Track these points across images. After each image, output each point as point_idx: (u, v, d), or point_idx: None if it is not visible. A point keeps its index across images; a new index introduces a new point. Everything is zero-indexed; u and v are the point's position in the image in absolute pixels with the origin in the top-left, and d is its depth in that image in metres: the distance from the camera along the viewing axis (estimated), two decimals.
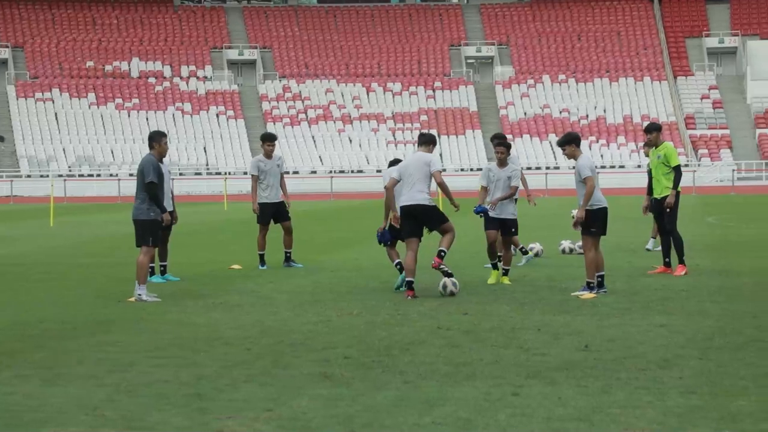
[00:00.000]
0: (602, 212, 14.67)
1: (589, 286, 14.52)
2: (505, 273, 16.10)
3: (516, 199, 16.49)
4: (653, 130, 17.12)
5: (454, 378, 9.00)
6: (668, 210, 16.76)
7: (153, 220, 14.56)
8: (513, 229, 16.07)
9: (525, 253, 19.02)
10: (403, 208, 14.78)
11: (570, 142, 14.81)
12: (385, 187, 15.25)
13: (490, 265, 16.49)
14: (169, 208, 16.35)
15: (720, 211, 38.97)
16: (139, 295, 14.27)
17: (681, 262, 16.82)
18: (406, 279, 14.47)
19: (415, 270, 14.53)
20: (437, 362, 9.69)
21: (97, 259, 21.07)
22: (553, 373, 9.15)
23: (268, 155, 18.83)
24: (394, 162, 16.02)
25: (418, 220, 14.74)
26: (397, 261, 15.63)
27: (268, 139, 19.06)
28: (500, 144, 16.22)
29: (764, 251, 21.11)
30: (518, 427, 7.38)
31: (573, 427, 7.35)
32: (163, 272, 17.08)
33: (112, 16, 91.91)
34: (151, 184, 14.44)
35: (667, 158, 16.82)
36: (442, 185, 14.86)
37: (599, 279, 14.60)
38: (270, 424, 7.54)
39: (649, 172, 17.22)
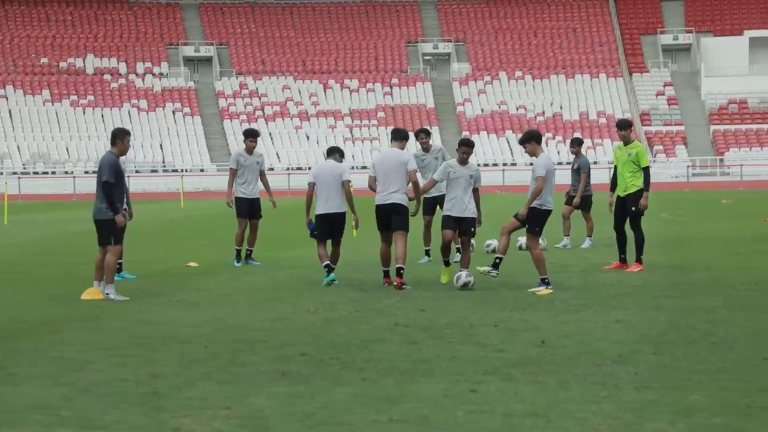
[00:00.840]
0: (547, 214, 14.86)
1: (544, 282, 14.62)
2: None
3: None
4: (625, 126, 17.17)
5: (412, 375, 9.02)
6: (633, 209, 16.86)
7: (113, 219, 14.41)
8: (472, 229, 15.67)
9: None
10: (380, 206, 15.06)
11: (530, 139, 14.96)
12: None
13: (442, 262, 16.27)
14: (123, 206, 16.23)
15: (675, 207, 39.28)
16: (107, 294, 14.18)
17: (638, 260, 16.93)
18: (383, 269, 14.76)
19: (389, 260, 14.92)
20: (395, 359, 9.71)
21: (53, 258, 20.91)
22: (510, 369, 9.20)
23: (250, 151, 18.74)
24: (333, 150, 16.00)
25: (388, 217, 15.08)
26: (325, 263, 15.57)
27: (251, 135, 18.92)
28: (465, 144, 15.90)
29: (718, 247, 21.31)
30: (476, 424, 7.42)
31: (530, 423, 7.39)
32: (119, 270, 16.97)
33: (66, 13, 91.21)
34: (107, 183, 14.19)
35: (638, 158, 16.93)
36: (416, 185, 15.15)
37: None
38: (228, 422, 7.53)
39: (615, 168, 17.29)
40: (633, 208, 16.86)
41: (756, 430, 7.21)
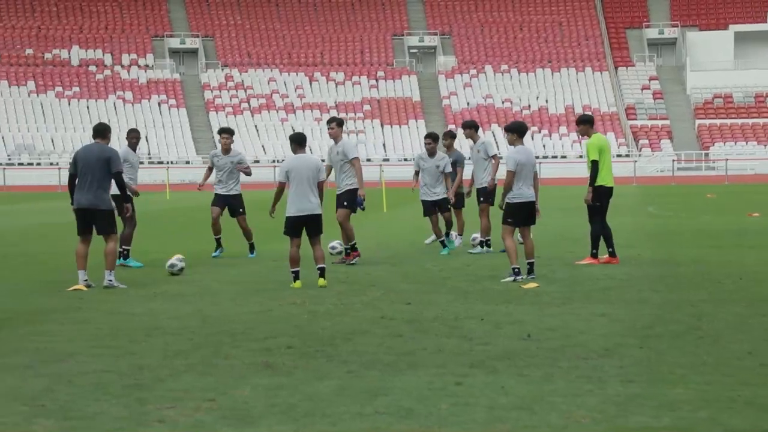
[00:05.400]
0: (519, 207, 15.00)
1: (514, 272, 14.70)
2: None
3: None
4: (580, 122, 17.07)
5: (397, 367, 8.99)
6: (585, 204, 16.90)
7: (114, 209, 14.74)
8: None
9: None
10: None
11: (512, 130, 15.17)
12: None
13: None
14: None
15: (660, 201, 39.34)
16: (110, 281, 14.33)
17: (592, 254, 16.91)
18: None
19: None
20: (380, 352, 9.68)
21: (36, 248, 20.83)
22: (495, 362, 9.18)
23: (225, 149, 18.65)
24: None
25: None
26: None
27: (224, 131, 18.92)
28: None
29: (703, 241, 21.33)
30: (461, 417, 7.39)
31: (515, 416, 7.37)
32: (126, 256, 17.29)
33: (51, 3, 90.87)
34: (120, 173, 14.67)
35: (587, 151, 16.94)
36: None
37: (528, 266, 14.94)
38: (211, 413, 7.49)
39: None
40: (597, 203, 16.86)
41: (740, 424, 7.20)
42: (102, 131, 14.85)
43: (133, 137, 17.72)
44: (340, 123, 17.38)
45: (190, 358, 9.44)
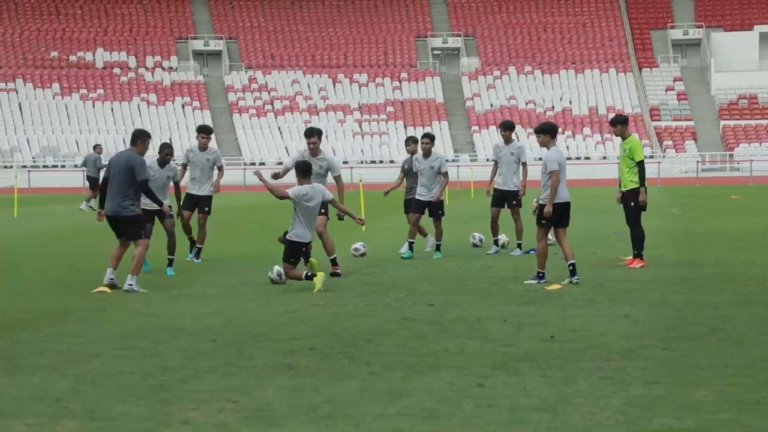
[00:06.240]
0: (559, 207, 14.79)
1: (538, 276, 14.63)
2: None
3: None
4: (617, 123, 17.04)
5: (419, 369, 9.01)
6: (633, 204, 16.78)
7: (140, 214, 14.69)
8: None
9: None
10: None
11: (544, 131, 14.93)
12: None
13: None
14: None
15: (684, 202, 39.20)
16: (130, 285, 14.31)
17: (638, 256, 16.85)
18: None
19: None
20: (402, 353, 9.70)
21: (60, 250, 20.93)
22: (517, 363, 9.18)
23: (202, 147, 18.43)
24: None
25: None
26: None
27: (203, 130, 18.63)
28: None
29: (727, 242, 21.25)
30: (483, 418, 7.40)
31: (537, 418, 7.37)
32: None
33: (76, 6, 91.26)
34: (145, 182, 14.60)
35: (632, 152, 16.81)
36: (342, 198, 15.77)
37: (571, 267, 14.72)
38: (234, 415, 7.52)
39: (620, 164, 17.24)
40: (632, 203, 16.77)
41: (763, 426, 7.18)
42: (133, 138, 14.91)
43: (166, 153, 17.08)
44: (320, 134, 17.04)
45: (213, 359, 9.48)
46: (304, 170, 14.89)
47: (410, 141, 19.74)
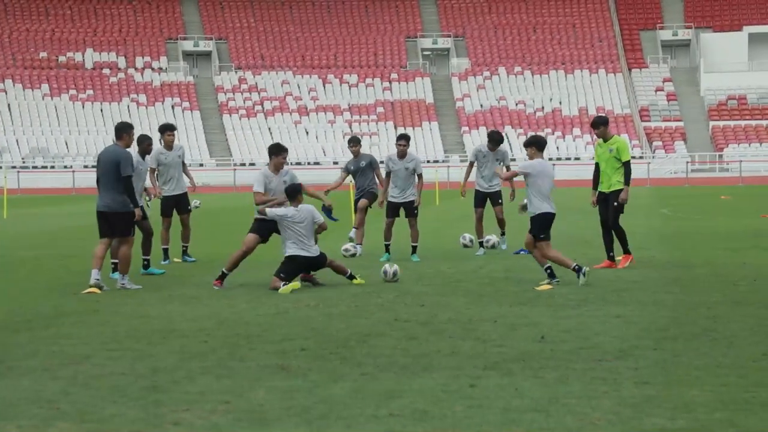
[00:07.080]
0: (548, 218, 14.81)
1: (576, 269, 14.52)
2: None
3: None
4: (600, 124, 17.00)
5: (412, 370, 9.01)
6: (615, 204, 16.78)
7: (133, 211, 14.62)
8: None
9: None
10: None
11: (531, 144, 15.00)
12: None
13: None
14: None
15: (674, 202, 39.27)
16: (123, 283, 14.40)
17: (626, 252, 16.88)
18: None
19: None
20: (395, 354, 9.70)
21: (51, 251, 20.89)
22: (509, 364, 9.19)
23: (169, 146, 18.23)
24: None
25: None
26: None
27: (168, 128, 18.34)
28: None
29: (718, 243, 21.29)
30: (475, 419, 7.40)
31: (530, 418, 7.38)
32: (146, 266, 16.92)
33: (65, 6, 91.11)
34: (129, 177, 14.50)
35: (619, 153, 16.81)
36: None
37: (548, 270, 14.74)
38: (227, 416, 7.52)
39: (597, 165, 17.16)
40: (615, 203, 16.78)
41: (756, 426, 7.20)
42: (116, 132, 14.82)
43: (147, 144, 17.01)
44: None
45: (205, 361, 9.47)
46: (288, 193, 15.15)
47: (353, 142, 19.71)
